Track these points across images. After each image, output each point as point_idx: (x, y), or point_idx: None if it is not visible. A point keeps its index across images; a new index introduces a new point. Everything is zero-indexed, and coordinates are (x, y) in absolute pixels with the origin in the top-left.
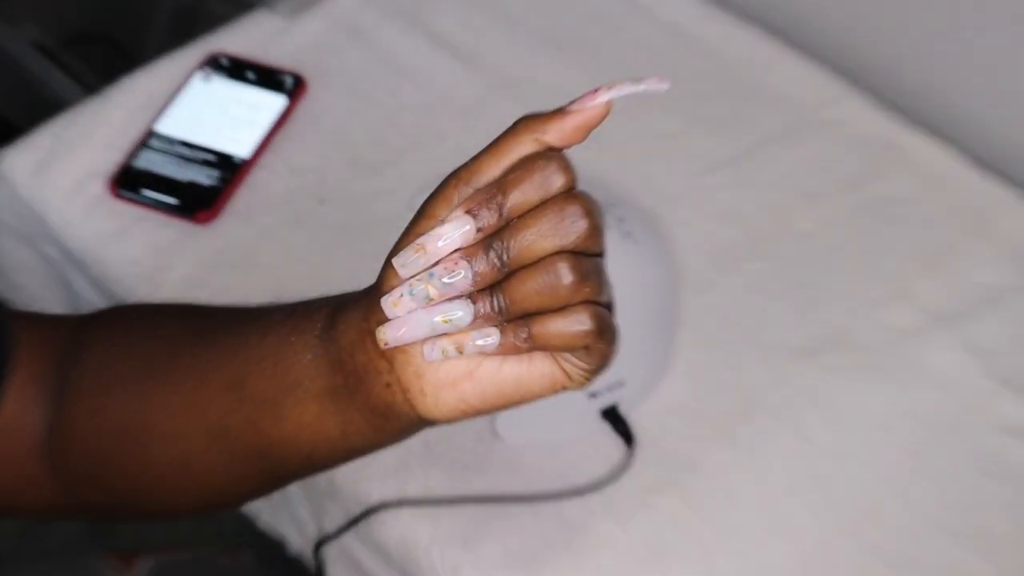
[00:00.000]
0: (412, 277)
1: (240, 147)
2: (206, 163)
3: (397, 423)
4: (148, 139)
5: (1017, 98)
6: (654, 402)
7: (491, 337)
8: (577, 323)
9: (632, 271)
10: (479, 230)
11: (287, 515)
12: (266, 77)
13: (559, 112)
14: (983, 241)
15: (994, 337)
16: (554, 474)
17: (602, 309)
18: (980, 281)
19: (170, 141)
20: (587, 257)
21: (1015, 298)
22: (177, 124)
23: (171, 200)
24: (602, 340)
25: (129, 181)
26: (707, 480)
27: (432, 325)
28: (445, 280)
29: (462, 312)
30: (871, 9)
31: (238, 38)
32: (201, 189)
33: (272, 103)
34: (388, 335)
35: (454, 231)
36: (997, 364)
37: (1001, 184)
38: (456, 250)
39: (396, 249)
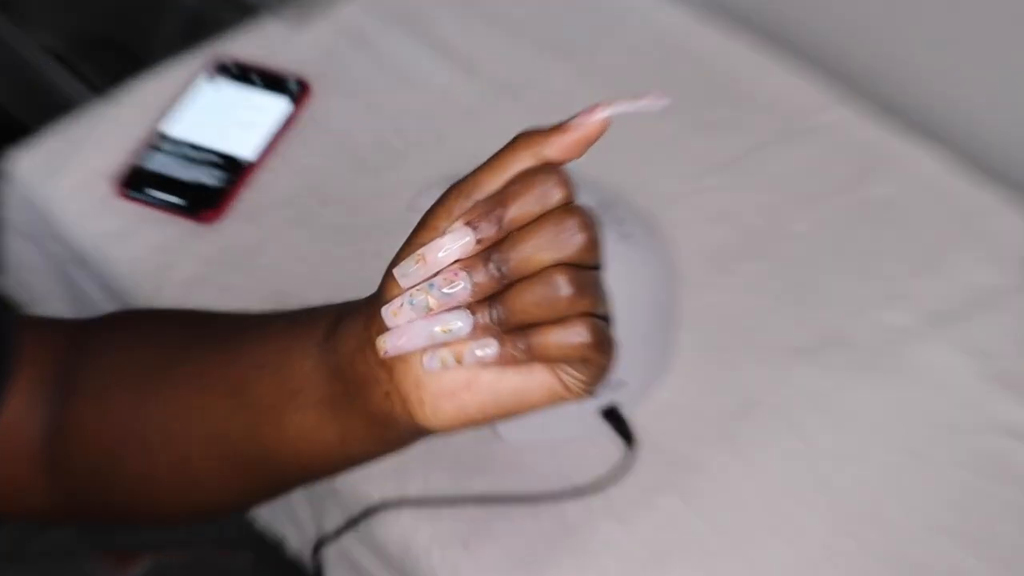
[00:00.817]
0: (412, 287)
1: (245, 149)
2: (211, 164)
3: (396, 432)
4: (155, 140)
5: (1006, 101)
6: (654, 402)
7: (490, 348)
8: (575, 335)
9: (631, 271)
10: (479, 242)
11: (286, 515)
12: (271, 81)
13: (558, 128)
14: (974, 242)
15: (990, 338)
16: (555, 474)
17: (600, 321)
18: (974, 282)
19: (176, 143)
20: (585, 270)
21: (1009, 299)
22: (184, 126)
23: (177, 200)
24: (599, 352)
25: (136, 181)
26: (708, 480)
27: (431, 335)
28: (445, 291)
29: (461, 322)
30: (862, 16)
31: (245, 44)
32: (206, 190)
33: (277, 107)
34: (388, 344)
35: (454, 242)
36: (993, 365)
37: (991, 186)
38: (456, 261)
39: (397, 259)
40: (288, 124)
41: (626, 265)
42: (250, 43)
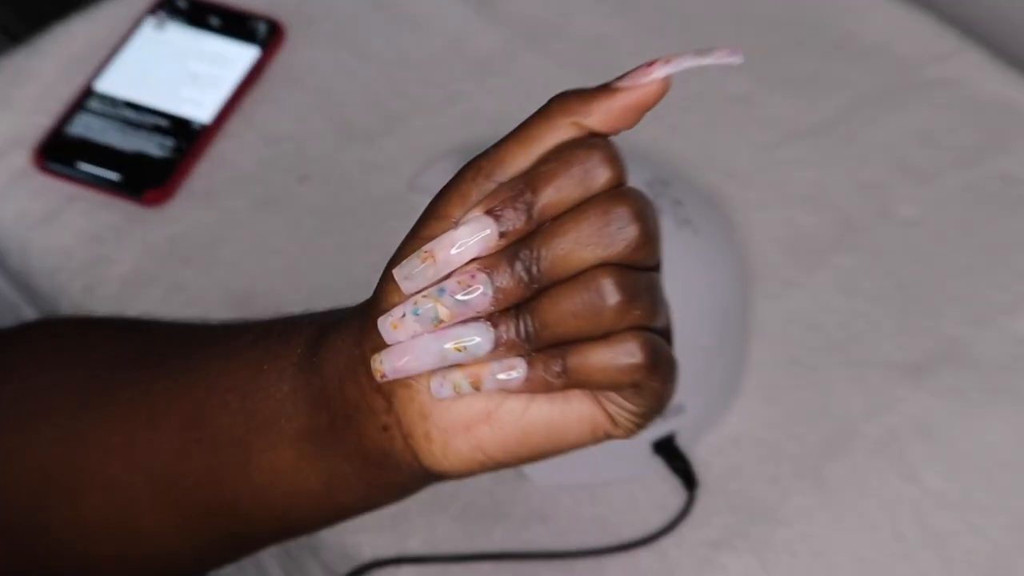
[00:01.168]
0: (418, 293)
1: (200, 110)
2: (157, 129)
3: (395, 476)
4: (85, 99)
5: None
6: (721, 432)
7: (516, 370)
8: (624, 354)
9: (691, 267)
10: (502, 235)
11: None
12: (234, 23)
13: (604, 90)
14: None
15: None
16: (594, 524)
17: (656, 337)
18: None
19: (113, 102)
20: (638, 271)
21: None
22: (122, 81)
23: (113, 175)
24: (656, 376)
25: (60, 151)
26: (788, 532)
27: (442, 353)
28: (459, 297)
29: (480, 338)
30: None
31: None
32: (151, 162)
33: (241, 56)
34: (387, 365)
35: (471, 236)
36: None
37: None
38: (473, 260)
39: (398, 257)
40: (255, 77)
41: (685, 261)
42: None
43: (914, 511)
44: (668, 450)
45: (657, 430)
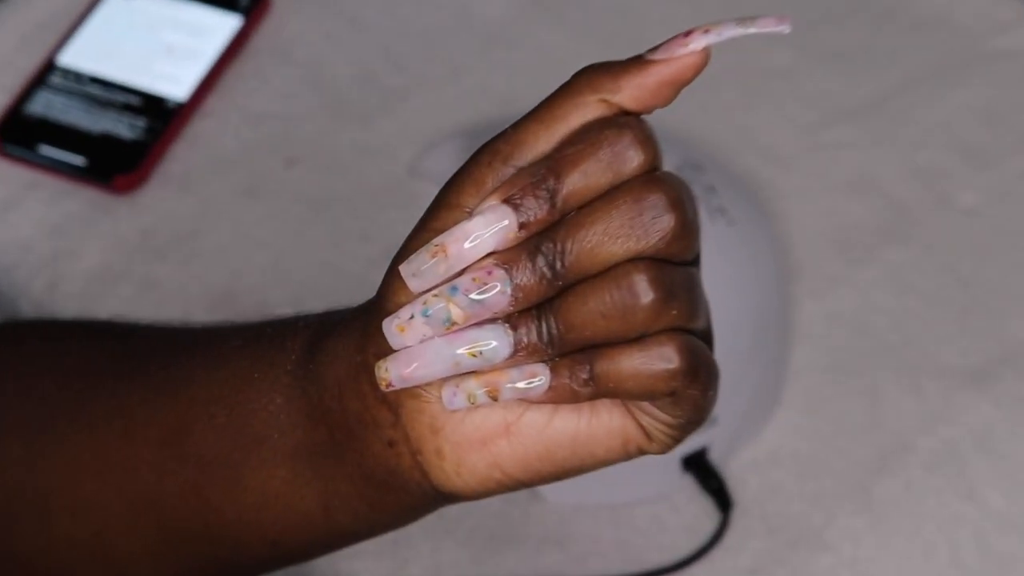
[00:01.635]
0: (428, 292)
1: (176, 86)
2: (128, 108)
3: (402, 497)
4: (47, 74)
5: None
6: (758, 447)
7: (537, 378)
8: (660, 359)
9: (725, 262)
10: (522, 226)
11: None
12: None
13: (636, 62)
14: None
15: None
16: (617, 549)
17: (695, 340)
18: None
19: (78, 77)
20: (674, 266)
21: None
22: (88, 54)
23: (78, 159)
24: (695, 384)
25: (19, 133)
26: (832, 557)
27: (455, 359)
28: (474, 296)
29: (497, 342)
30: None
31: None
32: (120, 144)
33: (221, 26)
34: (393, 373)
35: (487, 227)
36: None
37: None
38: (490, 254)
39: (405, 252)
40: (236, 50)
41: (719, 254)
42: None
43: (974, 534)
44: (699, 466)
45: (687, 444)
